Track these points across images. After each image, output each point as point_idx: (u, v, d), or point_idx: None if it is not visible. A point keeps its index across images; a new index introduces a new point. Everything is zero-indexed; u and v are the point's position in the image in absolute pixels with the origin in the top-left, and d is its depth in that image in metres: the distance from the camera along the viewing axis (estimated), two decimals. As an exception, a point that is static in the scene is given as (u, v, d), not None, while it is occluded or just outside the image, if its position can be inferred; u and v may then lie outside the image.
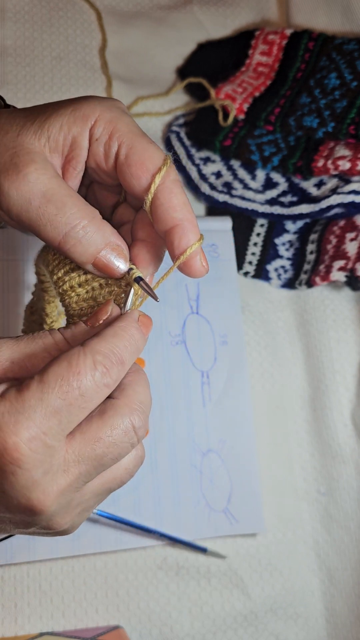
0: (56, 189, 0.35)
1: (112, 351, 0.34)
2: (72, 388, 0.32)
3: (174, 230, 0.36)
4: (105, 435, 0.34)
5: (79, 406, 0.33)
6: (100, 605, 0.52)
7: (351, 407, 0.60)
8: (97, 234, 0.36)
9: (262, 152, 0.66)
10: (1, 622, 0.50)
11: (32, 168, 0.35)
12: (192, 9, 0.76)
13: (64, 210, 0.35)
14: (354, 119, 0.64)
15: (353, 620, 0.55)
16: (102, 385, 0.33)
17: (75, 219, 0.36)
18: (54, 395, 0.32)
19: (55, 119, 0.36)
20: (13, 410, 0.31)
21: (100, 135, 0.36)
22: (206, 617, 0.53)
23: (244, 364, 0.59)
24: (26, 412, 0.31)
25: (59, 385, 0.32)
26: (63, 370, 0.32)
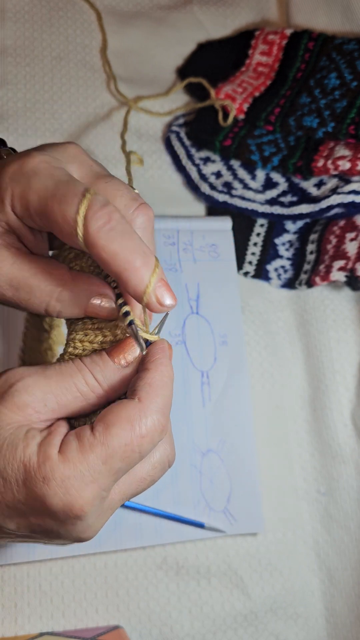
0: (18, 274, 0.36)
1: (166, 405, 0.35)
2: (133, 452, 0.33)
3: (121, 276, 0.34)
4: (148, 475, 0.37)
5: (135, 462, 0.34)
6: (100, 605, 0.52)
7: (351, 407, 0.60)
8: (75, 298, 0.37)
9: (262, 152, 0.66)
10: (1, 622, 0.50)
11: None
12: (192, 9, 0.76)
13: (34, 293, 0.36)
14: (354, 119, 0.64)
15: (353, 620, 0.55)
16: (157, 441, 0.35)
17: (47, 296, 0.37)
18: (117, 459, 0.33)
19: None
20: (79, 474, 0.32)
21: (21, 212, 0.36)
22: (206, 617, 0.53)
23: (244, 364, 0.59)
24: (92, 476, 0.33)
25: (122, 450, 0.33)
26: (127, 433, 0.33)
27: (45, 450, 0.33)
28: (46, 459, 0.33)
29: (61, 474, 0.32)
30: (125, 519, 0.53)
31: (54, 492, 0.32)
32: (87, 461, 0.33)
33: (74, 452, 0.33)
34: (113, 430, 0.33)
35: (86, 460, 0.33)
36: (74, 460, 0.33)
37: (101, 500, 0.34)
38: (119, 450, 0.33)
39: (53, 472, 0.32)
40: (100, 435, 0.33)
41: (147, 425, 0.34)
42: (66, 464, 0.33)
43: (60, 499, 0.32)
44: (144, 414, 0.34)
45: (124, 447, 0.33)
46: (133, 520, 0.53)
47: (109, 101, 0.70)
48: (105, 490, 0.34)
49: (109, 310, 0.38)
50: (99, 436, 0.33)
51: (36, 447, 0.33)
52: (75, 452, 0.33)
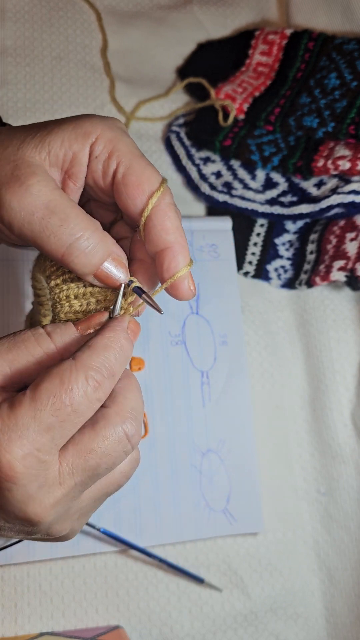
0: (59, 201, 0.35)
1: (104, 365, 0.34)
2: (64, 405, 0.32)
3: (164, 252, 0.36)
4: (98, 447, 0.34)
5: (72, 421, 0.33)
6: (100, 605, 0.52)
7: (351, 407, 0.60)
8: (100, 245, 0.36)
9: (262, 152, 0.66)
10: (1, 622, 0.50)
11: (34, 180, 0.35)
12: (192, 9, 0.76)
13: (68, 221, 0.35)
14: (354, 119, 0.64)
15: (353, 620, 0.55)
16: (94, 400, 0.34)
17: (79, 230, 0.35)
18: (46, 412, 0.32)
19: (57, 134, 0.36)
20: (5, 428, 0.31)
21: (100, 153, 0.36)
22: (206, 617, 0.53)
23: (244, 364, 0.59)
24: (19, 430, 0.32)
25: (51, 403, 0.32)
26: (55, 387, 0.32)
27: None
28: None
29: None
30: (125, 519, 0.53)
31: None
32: (15, 415, 0.32)
33: (4, 411, 0.32)
34: (41, 385, 0.32)
35: (14, 414, 0.32)
36: (2, 417, 0.32)
37: (38, 462, 0.32)
38: (47, 402, 0.32)
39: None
40: (29, 392, 0.32)
41: (77, 379, 0.33)
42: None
43: None
44: (75, 369, 0.33)
45: (52, 399, 0.32)
46: (133, 521, 0.53)
47: (109, 101, 0.70)
48: (40, 450, 0.32)
49: (116, 277, 0.37)
50: (29, 392, 0.32)
51: None
52: (5, 410, 0.32)
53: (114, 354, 0.35)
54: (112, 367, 0.34)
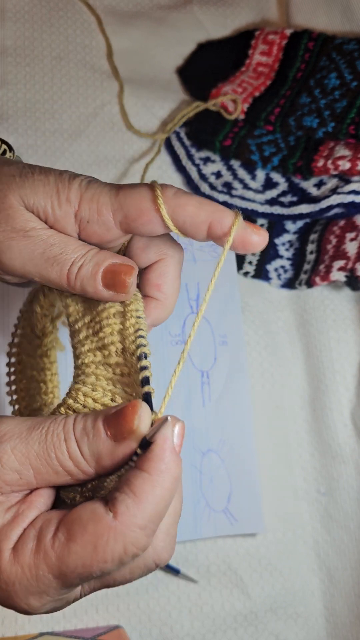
0: (55, 235, 0.36)
1: (152, 521, 0.29)
2: (93, 574, 0.29)
3: (210, 229, 0.35)
4: (124, 579, 0.32)
5: (96, 576, 0.30)
6: (100, 605, 0.52)
7: (351, 407, 0.60)
8: (100, 254, 0.36)
9: (262, 152, 0.66)
10: (1, 622, 0.50)
11: (30, 226, 0.36)
12: (192, 9, 0.76)
13: (67, 247, 0.36)
14: (354, 119, 0.64)
15: (353, 620, 0.55)
16: (129, 562, 0.30)
17: (78, 251, 0.36)
18: (73, 577, 0.29)
19: (42, 194, 0.36)
20: (26, 583, 0.29)
21: (90, 217, 0.36)
22: (206, 617, 0.53)
23: (244, 364, 0.59)
24: (39, 588, 0.29)
25: (79, 571, 0.28)
26: (87, 556, 0.28)
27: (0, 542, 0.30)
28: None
29: (7, 576, 0.29)
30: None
31: (2, 592, 0.29)
32: (37, 573, 0.29)
33: (27, 555, 0.29)
34: (73, 546, 0.28)
35: (37, 571, 0.29)
36: (23, 565, 0.29)
37: (57, 601, 0.31)
38: (75, 570, 0.28)
39: (0, 572, 0.29)
40: (59, 546, 0.29)
41: (114, 550, 0.28)
42: (14, 567, 0.29)
43: (3, 599, 0.30)
44: (115, 537, 0.28)
45: (81, 568, 0.28)
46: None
47: (109, 101, 0.70)
48: (60, 598, 0.30)
49: (128, 277, 0.36)
50: (57, 547, 0.29)
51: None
52: (29, 556, 0.29)
53: (164, 498, 0.29)
54: (161, 516, 0.29)
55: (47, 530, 0.29)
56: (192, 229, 0.35)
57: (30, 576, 0.29)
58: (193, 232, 0.36)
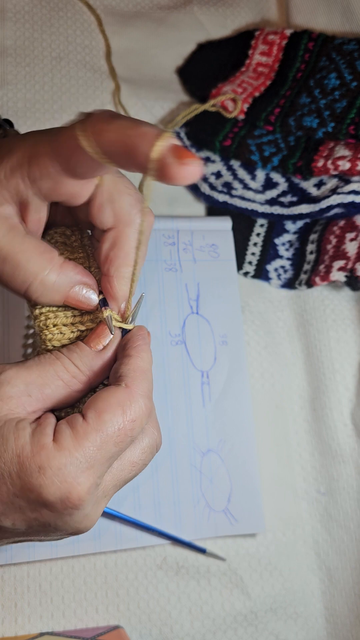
0: (8, 247, 0.35)
1: (150, 389, 0.36)
2: (127, 436, 0.34)
3: (123, 157, 0.31)
4: (139, 459, 0.38)
5: (127, 446, 0.35)
6: (100, 605, 0.52)
7: (351, 407, 0.60)
8: (59, 280, 0.37)
9: (262, 152, 0.66)
10: (1, 622, 0.50)
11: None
12: (192, 9, 0.76)
13: (19, 268, 0.36)
14: (353, 119, 0.64)
15: (353, 620, 0.55)
16: (144, 424, 0.36)
17: (31, 275, 0.36)
18: (111, 444, 0.34)
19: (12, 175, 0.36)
20: (75, 461, 0.32)
21: (38, 173, 0.35)
22: (206, 616, 0.53)
23: (244, 364, 0.59)
24: (88, 462, 0.33)
25: (116, 436, 0.34)
26: (119, 418, 0.34)
27: (39, 439, 0.33)
28: (41, 448, 0.32)
29: (57, 462, 0.32)
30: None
31: (51, 481, 0.32)
32: (83, 448, 0.33)
33: (69, 440, 0.33)
34: (106, 416, 0.33)
35: (82, 447, 0.33)
36: (69, 447, 0.32)
37: (97, 487, 0.34)
38: (113, 435, 0.33)
39: (49, 460, 0.32)
40: (93, 421, 0.33)
41: (136, 409, 0.34)
42: (62, 452, 0.32)
43: (57, 487, 0.32)
44: (134, 398, 0.34)
45: (117, 431, 0.33)
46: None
47: (109, 101, 0.70)
48: (100, 477, 0.34)
49: (89, 300, 0.38)
50: (92, 422, 0.33)
51: (29, 438, 0.33)
52: (70, 440, 0.33)
53: (151, 375, 0.37)
54: (152, 388, 0.36)
55: (76, 419, 0.34)
56: (116, 158, 0.31)
57: (77, 455, 0.32)
58: (118, 161, 0.32)
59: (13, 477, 0.32)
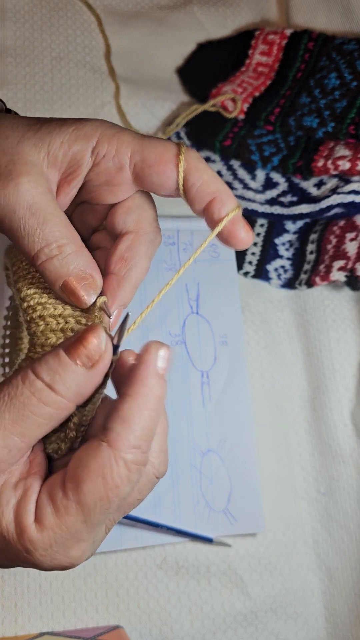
0: (43, 204, 0.35)
1: (143, 438, 0.31)
2: (111, 502, 0.31)
3: (211, 203, 0.36)
4: (136, 500, 0.35)
5: (117, 506, 0.32)
6: (100, 604, 0.52)
7: (351, 407, 0.60)
8: (73, 257, 0.36)
9: (262, 152, 0.66)
10: (1, 622, 0.50)
11: (25, 179, 0.35)
12: (192, 9, 0.76)
13: (45, 226, 0.35)
14: (353, 119, 0.64)
15: (353, 620, 0.55)
16: (137, 478, 0.32)
17: (54, 238, 0.35)
18: (95, 514, 0.31)
19: (58, 134, 0.36)
20: (60, 540, 0.31)
21: (107, 151, 0.36)
22: (206, 616, 0.53)
23: (244, 364, 0.59)
24: (73, 538, 0.31)
25: (99, 506, 0.31)
26: (99, 488, 0.30)
27: (21, 520, 0.31)
28: (23, 530, 0.31)
29: (42, 544, 0.31)
30: (124, 519, 0.53)
31: (40, 561, 0.31)
32: (66, 526, 0.31)
33: (50, 518, 0.31)
34: (84, 487, 0.30)
35: (65, 524, 0.31)
36: (52, 527, 0.31)
37: (92, 544, 0.33)
38: (96, 506, 0.30)
39: (33, 544, 0.31)
40: (72, 494, 0.31)
41: (119, 473, 0.30)
42: (44, 532, 0.31)
43: (49, 564, 0.32)
44: (115, 461, 0.30)
45: (100, 502, 0.30)
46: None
47: (109, 101, 0.70)
48: (94, 536, 0.32)
49: (84, 296, 0.36)
50: (72, 496, 0.31)
51: (12, 516, 0.31)
52: (52, 518, 0.31)
53: (151, 417, 0.31)
54: (151, 431, 0.31)
55: (56, 490, 0.31)
56: (197, 196, 0.36)
57: (61, 533, 0.31)
58: (195, 199, 0.36)
59: (2, 550, 0.32)
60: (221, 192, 0.36)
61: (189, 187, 0.36)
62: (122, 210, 0.39)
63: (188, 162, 0.36)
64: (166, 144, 0.37)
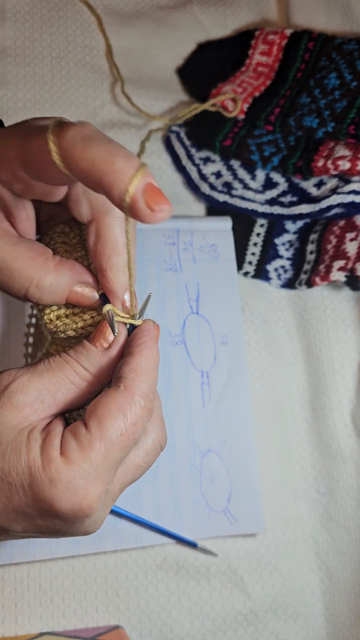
0: (0, 256, 0.36)
1: (151, 390, 0.36)
2: (130, 440, 0.34)
3: (107, 185, 0.29)
4: (143, 462, 0.38)
5: (131, 449, 0.35)
6: (100, 604, 0.52)
7: (351, 407, 0.60)
8: (56, 282, 0.37)
9: (262, 152, 0.66)
10: (1, 622, 0.50)
11: None
12: (192, 9, 0.76)
13: (14, 276, 0.36)
14: (353, 119, 0.64)
15: (353, 620, 0.55)
16: (146, 424, 0.36)
17: (27, 281, 0.36)
18: (116, 450, 0.34)
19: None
20: (84, 473, 0.33)
21: (8, 176, 0.35)
22: (206, 616, 0.53)
23: (244, 364, 0.59)
24: (96, 472, 0.33)
25: (119, 441, 0.34)
26: (120, 423, 0.34)
27: (48, 452, 0.33)
28: (50, 461, 0.33)
29: (67, 475, 0.33)
30: (124, 519, 0.53)
31: (62, 494, 0.33)
32: (89, 459, 0.33)
33: (75, 452, 0.33)
34: (107, 423, 0.34)
35: (88, 458, 0.33)
36: (76, 460, 0.33)
37: (106, 494, 0.34)
38: (116, 441, 0.34)
39: (59, 474, 0.33)
40: (95, 430, 0.34)
41: (136, 411, 0.34)
42: (70, 465, 0.33)
43: (69, 500, 0.33)
44: (132, 401, 0.34)
45: (120, 437, 0.34)
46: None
47: (109, 101, 0.70)
48: (108, 483, 0.34)
49: (91, 298, 0.38)
50: (95, 431, 0.33)
51: (39, 450, 0.34)
52: (77, 452, 0.33)
53: (155, 373, 0.36)
54: (155, 387, 0.36)
55: (79, 429, 0.34)
56: (90, 186, 0.30)
57: (84, 466, 0.33)
58: (92, 188, 0.30)
59: (25, 488, 0.33)
60: (109, 175, 0.29)
61: (81, 177, 0.30)
62: (72, 203, 0.37)
63: (71, 146, 0.30)
64: (41, 137, 0.31)
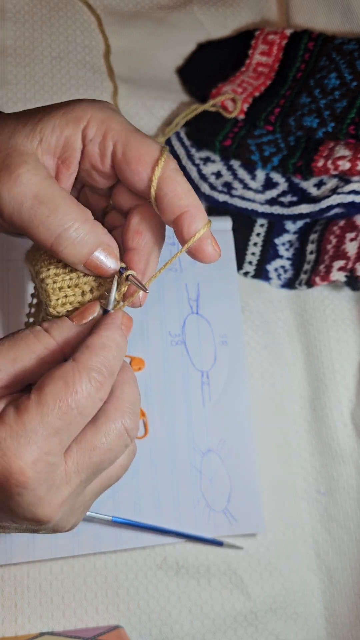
0: (48, 190, 0.35)
1: (104, 364, 0.35)
2: (70, 408, 0.33)
3: (181, 217, 0.36)
4: (101, 443, 0.35)
5: (77, 422, 0.34)
6: (100, 604, 0.52)
7: (351, 407, 0.60)
8: (90, 235, 0.36)
9: (262, 152, 0.66)
10: (1, 622, 0.50)
11: (24, 169, 0.35)
12: (192, 9, 0.76)
13: (57, 211, 0.35)
14: (353, 119, 0.64)
15: (353, 620, 0.55)
16: (97, 400, 0.34)
17: (68, 221, 0.36)
18: (53, 416, 0.32)
19: (48, 120, 0.36)
20: (14, 434, 0.32)
21: (94, 135, 0.36)
22: (206, 616, 0.53)
23: (244, 364, 0.59)
24: (28, 435, 0.32)
25: (57, 407, 0.33)
26: (60, 390, 0.33)
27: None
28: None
29: None
30: (125, 519, 0.53)
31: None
32: (23, 422, 0.32)
33: (10, 416, 0.33)
34: (46, 389, 0.33)
35: (22, 420, 0.32)
36: (9, 422, 0.32)
37: (47, 465, 0.33)
38: (54, 407, 0.32)
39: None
40: (34, 395, 0.33)
41: (81, 381, 0.33)
42: (2, 426, 0.32)
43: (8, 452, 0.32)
44: (78, 371, 0.33)
45: (59, 402, 0.33)
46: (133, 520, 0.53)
47: (109, 101, 0.70)
48: (49, 454, 0.33)
49: (107, 269, 0.37)
50: (34, 397, 0.33)
51: None
52: (12, 415, 0.33)
53: (111, 353, 0.35)
54: (111, 366, 0.35)
55: (21, 398, 0.33)
56: (167, 207, 0.36)
57: (17, 428, 0.32)
58: (165, 210, 0.37)
59: None
60: (192, 208, 0.36)
61: (161, 196, 0.36)
62: (123, 188, 0.39)
63: (164, 171, 0.36)
64: (151, 145, 0.36)
